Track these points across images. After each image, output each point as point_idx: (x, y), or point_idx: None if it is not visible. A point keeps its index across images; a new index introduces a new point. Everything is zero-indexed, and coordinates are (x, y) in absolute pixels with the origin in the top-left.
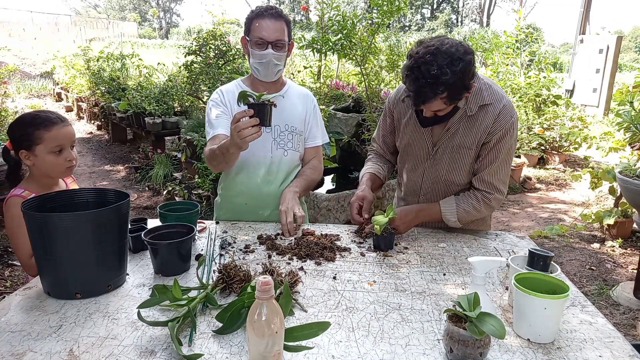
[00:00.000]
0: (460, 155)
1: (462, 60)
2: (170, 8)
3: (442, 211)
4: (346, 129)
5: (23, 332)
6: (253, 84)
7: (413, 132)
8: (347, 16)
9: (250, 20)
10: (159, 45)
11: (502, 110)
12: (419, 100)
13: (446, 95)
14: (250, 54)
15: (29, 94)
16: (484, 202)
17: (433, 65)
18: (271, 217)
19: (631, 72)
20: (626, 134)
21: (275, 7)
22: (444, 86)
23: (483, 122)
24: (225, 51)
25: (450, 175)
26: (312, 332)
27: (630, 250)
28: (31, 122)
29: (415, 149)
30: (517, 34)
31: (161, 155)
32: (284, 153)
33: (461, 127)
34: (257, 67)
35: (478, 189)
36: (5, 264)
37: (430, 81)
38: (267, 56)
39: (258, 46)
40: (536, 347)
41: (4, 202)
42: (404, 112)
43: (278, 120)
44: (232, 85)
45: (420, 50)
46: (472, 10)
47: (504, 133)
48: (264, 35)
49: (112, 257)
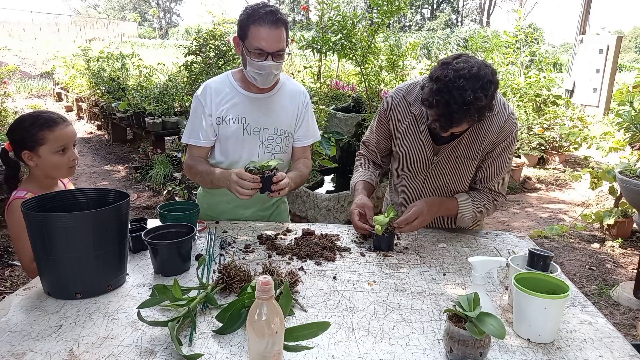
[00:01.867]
0: (464, 165)
1: (492, 82)
2: (170, 8)
3: (459, 207)
4: (346, 129)
5: (23, 332)
6: (244, 81)
7: (413, 141)
8: (347, 16)
9: (246, 25)
10: (159, 45)
11: (507, 119)
12: (449, 125)
13: (475, 118)
14: (248, 62)
15: (29, 94)
16: (493, 203)
17: (467, 90)
18: (252, 217)
19: (631, 72)
20: (626, 134)
21: (272, 9)
22: (476, 111)
23: (488, 132)
24: (225, 51)
25: (453, 184)
26: (312, 332)
27: (630, 250)
28: (34, 122)
29: (415, 157)
30: (517, 34)
31: (161, 155)
32: (271, 157)
33: (465, 138)
34: (255, 76)
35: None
36: (5, 264)
37: (465, 107)
38: (267, 67)
39: (257, 56)
40: (536, 347)
41: (7, 204)
42: (402, 118)
43: (267, 123)
44: (221, 79)
45: (449, 74)
46: (472, 10)
47: (508, 142)
48: (263, 46)
49: (112, 257)
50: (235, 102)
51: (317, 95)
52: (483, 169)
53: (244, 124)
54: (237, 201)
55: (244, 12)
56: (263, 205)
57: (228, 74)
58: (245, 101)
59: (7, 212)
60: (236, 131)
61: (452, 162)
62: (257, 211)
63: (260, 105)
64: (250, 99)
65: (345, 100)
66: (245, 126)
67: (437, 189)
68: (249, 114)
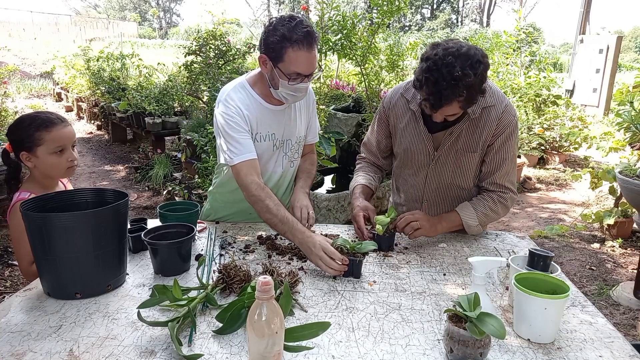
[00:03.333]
0: (465, 158)
1: (481, 62)
2: (170, 8)
3: (462, 217)
4: (346, 129)
5: (23, 332)
6: (264, 95)
7: (413, 137)
8: (347, 16)
9: (282, 48)
10: (159, 45)
11: (505, 110)
12: (438, 103)
13: (465, 97)
14: (281, 84)
15: (29, 94)
16: (500, 202)
17: (455, 67)
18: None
19: (631, 72)
20: (626, 134)
21: (309, 29)
22: (465, 88)
23: (487, 123)
24: (225, 51)
25: (455, 179)
26: (312, 332)
27: (630, 250)
28: (31, 123)
29: (416, 153)
30: (517, 34)
31: (161, 155)
32: (290, 164)
33: (464, 130)
34: (287, 97)
35: (492, 190)
36: (5, 264)
37: (453, 83)
38: (303, 90)
39: (293, 80)
40: (536, 347)
41: (11, 206)
42: (400, 116)
43: (290, 134)
44: (241, 92)
45: (439, 52)
46: (472, 10)
47: (508, 133)
48: (303, 71)
49: (112, 257)
50: (263, 119)
51: (318, 95)
52: (486, 163)
53: (273, 140)
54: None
55: (278, 32)
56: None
57: (244, 82)
58: (271, 115)
59: (10, 214)
60: (267, 148)
61: (452, 156)
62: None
63: (283, 116)
64: (274, 112)
65: (345, 100)
66: (275, 142)
67: (439, 186)
68: (277, 129)
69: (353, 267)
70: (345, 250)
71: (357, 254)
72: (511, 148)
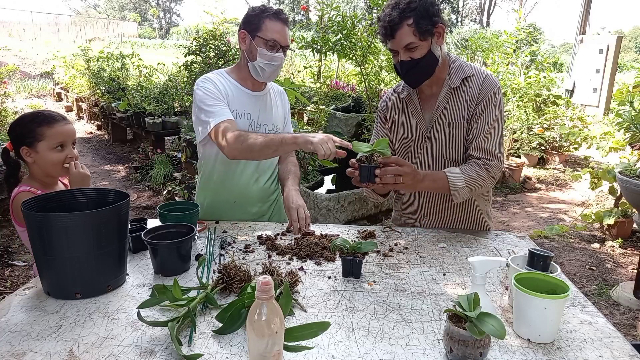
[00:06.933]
0: (453, 130)
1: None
2: (170, 8)
3: (448, 177)
4: (346, 129)
5: (23, 332)
6: (241, 79)
7: (406, 120)
8: (347, 16)
9: (259, 18)
10: (159, 45)
11: (485, 79)
12: (388, 31)
13: (413, 21)
14: (259, 53)
15: (29, 94)
16: (485, 169)
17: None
18: (259, 214)
19: (631, 72)
20: (626, 134)
21: (283, 11)
22: (410, 11)
23: (469, 93)
24: (225, 51)
25: (447, 152)
26: (312, 332)
27: (630, 250)
28: (33, 119)
29: (411, 135)
30: (517, 34)
31: (161, 155)
32: None
33: (449, 103)
34: (264, 67)
35: (477, 157)
36: (5, 264)
37: (400, 7)
38: (278, 59)
39: (270, 47)
40: (536, 347)
41: (12, 199)
42: (395, 108)
43: (266, 119)
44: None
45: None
46: (472, 10)
47: (490, 98)
48: (278, 39)
49: (112, 257)
50: (239, 97)
51: (317, 95)
52: (471, 129)
53: (249, 120)
54: (243, 198)
55: (255, 9)
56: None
57: (221, 71)
58: (246, 97)
59: (12, 206)
60: (243, 127)
61: (442, 129)
62: (262, 206)
63: (258, 102)
64: (249, 96)
65: (345, 100)
66: (250, 122)
67: (434, 162)
68: (252, 110)
69: (353, 267)
70: (345, 250)
71: (357, 254)
72: (495, 113)
